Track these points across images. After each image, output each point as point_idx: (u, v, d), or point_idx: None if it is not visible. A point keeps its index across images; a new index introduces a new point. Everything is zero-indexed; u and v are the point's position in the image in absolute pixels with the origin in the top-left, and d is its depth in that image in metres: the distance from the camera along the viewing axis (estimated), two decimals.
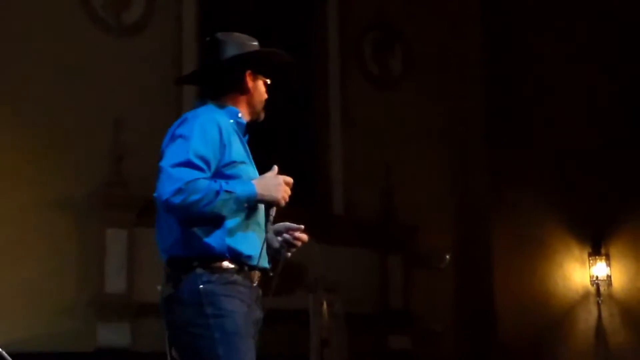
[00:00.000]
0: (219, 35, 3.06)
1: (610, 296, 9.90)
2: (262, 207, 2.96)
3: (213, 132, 2.81)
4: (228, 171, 2.83)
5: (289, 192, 2.96)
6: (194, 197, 2.66)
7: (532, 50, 10.04)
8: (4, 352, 3.43)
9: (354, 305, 8.35)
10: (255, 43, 3.11)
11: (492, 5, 10.27)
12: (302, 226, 3.10)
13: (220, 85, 3.02)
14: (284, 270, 9.49)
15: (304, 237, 3.11)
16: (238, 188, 2.78)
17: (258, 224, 2.93)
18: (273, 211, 2.92)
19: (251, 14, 9.09)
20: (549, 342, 9.73)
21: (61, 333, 6.91)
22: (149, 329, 7.05)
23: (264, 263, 2.95)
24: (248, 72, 3.01)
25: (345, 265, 8.75)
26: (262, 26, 9.04)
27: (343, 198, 9.15)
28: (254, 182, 2.87)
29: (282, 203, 2.93)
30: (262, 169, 3.04)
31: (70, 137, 7.25)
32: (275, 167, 2.97)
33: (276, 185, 2.92)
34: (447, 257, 9.52)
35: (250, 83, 3.03)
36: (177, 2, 8.49)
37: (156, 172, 2.82)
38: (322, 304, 8.01)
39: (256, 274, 2.92)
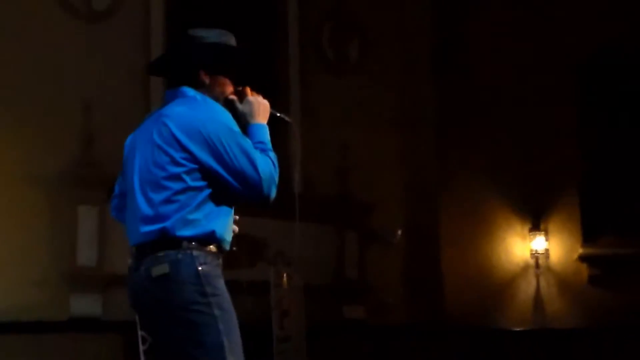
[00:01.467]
0: (190, 31, 3.02)
1: (548, 268, 10.18)
2: None
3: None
4: None
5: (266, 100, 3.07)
6: (276, 177, 2.90)
7: (481, 36, 10.20)
8: None
9: (312, 277, 8.46)
10: (231, 40, 3.04)
11: None
12: (237, 217, 3.06)
13: (184, 79, 2.98)
14: (247, 244, 9.50)
15: (236, 229, 3.07)
16: (265, 138, 2.96)
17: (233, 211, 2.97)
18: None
19: (216, 3, 9.09)
20: (492, 310, 9.97)
21: (36, 303, 6.91)
22: (119, 299, 7.08)
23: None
24: (202, 71, 2.95)
25: (304, 241, 8.83)
26: (226, 15, 9.13)
27: (302, 177, 9.21)
28: (256, 120, 2.98)
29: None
30: None
31: (42, 117, 7.22)
32: (247, 89, 3.04)
33: (267, 105, 3.06)
34: (399, 232, 9.67)
35: (206, 80, 2.96)
36: None
37: (122, 153, 2.92)
38: (282, 277, 8.10)
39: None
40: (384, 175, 9.70)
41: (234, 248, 4.51)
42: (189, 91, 2.94)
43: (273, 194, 2.90)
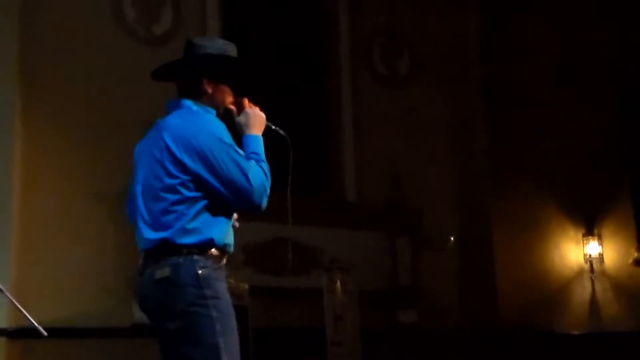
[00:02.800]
0: (195, 40, 3.12)
1: (603, 272, 10.02)
2: None
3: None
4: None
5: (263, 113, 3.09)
6: (267, 187, 2.95)
7: (530, 48, 10.14)
8: (39, 327, 3.50)
9: (366, 283, 8.57)
10: (231, 50, 3.12)
11: (491, 7, 10.38)
12: (236, 215, 3.13)
13: (187, 87, 3.09)
14: (301, 252, 9.64)
15: (236, 224, 3.14)
16: (259, 149, 3.02)
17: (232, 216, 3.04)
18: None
19: (269, 23, 9.31)
20: (546, 314, 9.86)
21: (102, 310, 7.20)
22: None
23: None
24: (204, 79, 3.04)
25: (357, 247, 8.97)
26: (278, 34, 9.35)
27: (355, 186, 9.36)
28: (251, 132, 3.04)
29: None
30: (277, 165, 3.23)
31: (106, 137, 7.50)
32: (245, 100, 3.10)
33: (263, 118, 3.13)
34: (452, 238, 9.68)
35: (208, 88, 3.05)
36: (202, 15, 8.71)
37: None
38: (336, 283, 8.22)
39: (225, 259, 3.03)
40: (435, 182, 9.75)
41: (289, 255, 4.67)
42: (186, 102, 3.02)
43: (264, 203, 2.96)
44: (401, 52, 10.18)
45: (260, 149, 3.07)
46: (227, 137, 2.92)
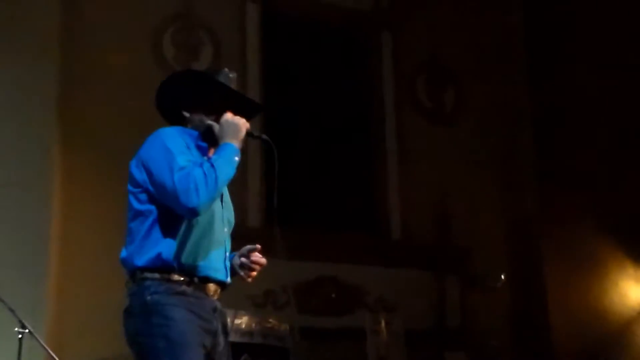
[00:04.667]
0: (191, 69, 3.19)
1: None
2: (219, 217, 2.89)
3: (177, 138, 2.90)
4: None
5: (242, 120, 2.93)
6: (200, 187, 2.68)
7: (576, 82, 9.87)
8: None
9: (412, 323, 8.31)
10: (222, 79, 3.05)
11: (538, 40, 10.15)
12: (259, 246, 2.97)
13: (170, 117, 3.09)
14: (345, 291, 9.49)
15: (263, 260, 2.99)
16: (219, 154, 2.80)
17: (214, 235, 2.83)
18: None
19: (310, 57, 9.23)
20: (605, 356, 9.41)
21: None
22: None
23: (219, 275, 2.84)
24: (181, 110, 3.00)
25: (403, 286, 8.72)
26: (320, 68, 9.26)
27: (400, 224, 9.13)
28: (223, 140, 2.85)
29: (246, 129, 2.92)
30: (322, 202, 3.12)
31: None
32: (227, 113, 2.94)
33: (237, 125, 2.90)
34: (502, 276, 9.35)
35: (186, 114, 3.00)
36: (242, 52, 8.70)
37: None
38: (380, 323, 7.98)
39: (212, 286, 2.80)
40: (484, 219, 9.46)
41: (333, 295, 4.41)
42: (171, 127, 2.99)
43: (193, 203, 2.66)
44: (446, 86, 9.99)
45: (222, 154, 2.81)
46: (174, 144, 2.78)
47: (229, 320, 7.09)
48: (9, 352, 4.80)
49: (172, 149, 2.75)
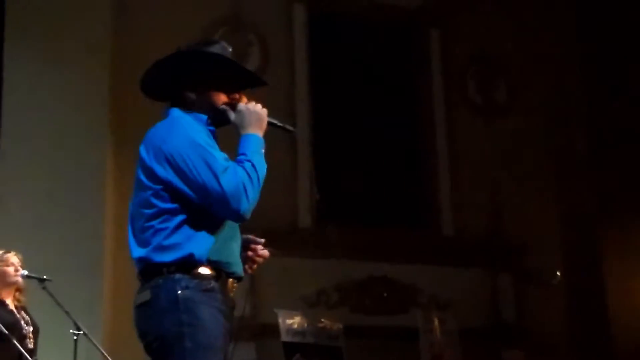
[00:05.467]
0: (182, 45, 2.80)
1: None
2: None
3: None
4: None
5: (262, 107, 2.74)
6: (249, 189, 2.54)
7: (632, 69, 9.62)
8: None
9: (467, 321, 8.21)
10: (221, 54, 2.76)
11: (590, 29, 9.93)
12: (263, 240, 2.80)
13: (172, 96, 2.77)
14: (397, 290, 9.40)
15: (266, 253, 2.81)
16: (249, 149, 2.62)
17: (235, 230, 2.69)
18: None
19: (359, 54, 9.20)
20: None
21: None
22: (273, 347, 7.22)
23: (239, 270, 2.71)
24: (185, 91, 2.71)
25: (456, 284, 8.63)
26: (369, 65, 9.22)
27: (452, 221, 9.04)
28: (246, 131, 2.66)
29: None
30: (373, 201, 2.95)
31: None
32: (243, 98, 2.74)
33: (259, 113, 2.71)
34: (558, 273, 9.17)
35: (192, 96, 2.70)
36: (290, 53, 8.72)
37: (269, 208, 2.64)
38: (433, 322, 7.91)
39: (231, 282, 2.67)
40: (538, 214, 9.28)
41: (385, 294, 4.36)
42: (174, 110, 2.71)
43: (244, 207, 2.52)
44: (497, 80, 9.85)
45: (250, 148, 2.63)
46: (202, 138, 2.57)
47: (280, 320, 7.15)
48: (65, 353, 4.87)
49: (202, 143, 2.55)
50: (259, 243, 2.80)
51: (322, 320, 7.42)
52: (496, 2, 9.80)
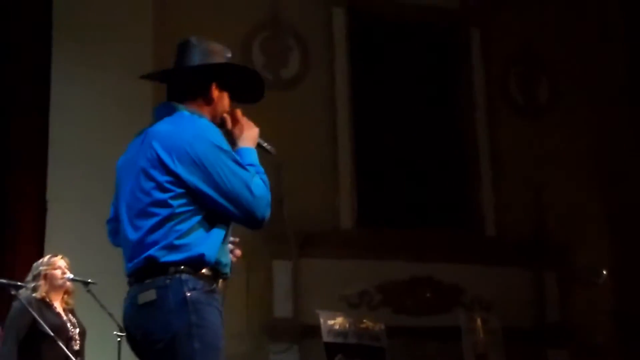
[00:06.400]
0: (192, 39, 2.82)
1: None
2: None
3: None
4: None
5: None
6: (269, 199, 2.62)
7: None
8: None
9: (511, 321, 8.14)
10: (229, 55, 2.85)
11: (635, 25, 9.77)
12: (237, 239, 2.80)
13: (187, 91, 2.75)
14: (440, 290, 9.35)
15: (238, 253, 2.82)
16: (256, 161, 2.72)
17: (229, 232, 2.71)
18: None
19: (398, 61, 9.19)
20: None
21: (238, 354, 7.18)
22: (315, 349, 7.26)
23: (229, 271, 2.72)
24: (214, 84, 2.74)
25: (500, 284, 8.57)
26: (407, 68, 9.21)
27: (494, 220, 8.98)
28: (244, 145, 2.74)
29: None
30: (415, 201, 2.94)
31: None
32: (238, 111, 2.80)
33: (255, 131, 2.82)
34: (604, 272, 9.03)
35: (215, 94, 2.75)
36: (330, 58, 8.77)
37: (311, 210, 2.66)
38: (476, 321, 7.87)
39: (223, 283, 2.67)
40: (582, 212, 9.16)
41: (428, 294, 4.37)
42: (179, 107, 2.71)
43: (267, 215, 2.60)
44: (539, 79, 9.76)
45: (257, 161, 2.74)
46: (225, 144, 2.61)
47: (322, 321, 7.18)
48: (109, 355, 4.97)
49: (228, 149, 2.60)
50: (233, 242, 2.79)
51: (364, 320, 7.43)
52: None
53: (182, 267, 2.51)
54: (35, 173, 7.18)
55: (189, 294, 2.48)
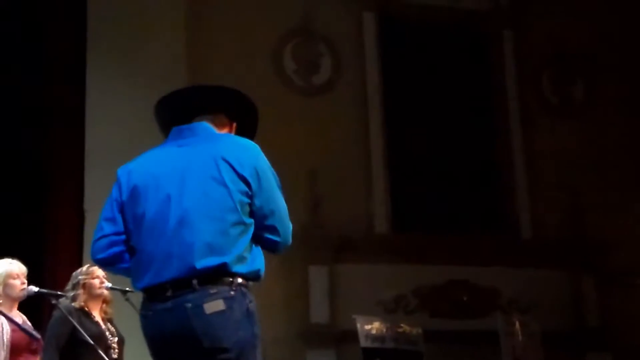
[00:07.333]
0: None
1: None
2: None
3: None
4: None
5: None
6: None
7: None
8: None
9: (549, 324, 8.02)
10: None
11: None
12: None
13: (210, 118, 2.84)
14: (477, 294, 9.20)
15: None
16: None
17: None
18: None
19: (429, 63, 9.12)
20: None
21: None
22: (352, 354, 7.20)
23: None
24: (223, 114, 2.86)
25: (537, 287, 8.45)
26: (440, 73, 9.13)
27: (531, 222, 8.86)
28: None
29: None
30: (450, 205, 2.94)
31: None
32: None
33: None
34: None
35: (226, 122, 2.86)
36: (361, 63, 8.72)
37: (346, 215, 2.78)
38: (514, 325, 7.75)
39: None
40: (620, 214, 9.00)
41: (464, 298, 4.32)
42: (211, 127, 2.80)
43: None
44: (574, 79, 9.62)
45: None
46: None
47: (359, 326, 7.13)
48: (143, 355, 4.96)
49: (276, 176, 2.74)
50: None
51: (402, 325, 7.36)
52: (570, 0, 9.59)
53: (245, 279, 2.57)
54: (73, 182, 7.24)
55: (250, 306, 2.55)
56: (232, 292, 2.52)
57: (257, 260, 2.63)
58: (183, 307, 2.51)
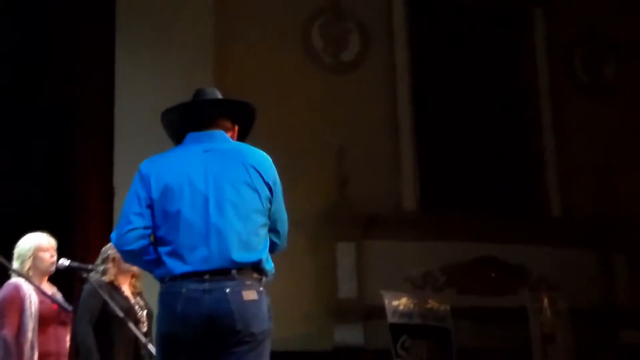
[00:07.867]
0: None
1: None
2: None
3: None
4: None
5: None
6: None
7: None
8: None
9: (578, 302, 7.97)
10: None
11: None
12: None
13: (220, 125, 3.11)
14: (506, 271, 9.12)
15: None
16: None
17: None
18: None
19: (458, 42, 9.02)
20: None
21: (304, 335, 7.23)
22: (379, 329, 7.23)
23: None
24: (227, 119, 3.13)
25: (567, 265, 8.39)
26: (470, 51, 9.03)
27: (560, 201, 8.78)
28: None
29: None
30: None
31: (299, 164, 7.55)
32: None
33: None
34: None
35: (231, 127, 3.15)
36: (390, 41, 8.65)
37: (374, 193, 2.93)
38: (542, 302, 7.72)
39: None
40: None
41: (493, 275, 4.31)
42: (226, 135, 3.06)
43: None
44: (605, 58, 9.48)
45: None
46: None
47: (386, 302, 7.14)
48: None
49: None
50: None
51: (429, 301, 7.36)
52: None
53: (266, 277, 2.84)
54: (102, 161, 7.32)
55: (269, 303, 2.81)
56: (261, 288, 2.79)
57: (270, 259, 2.87)
58: (223, 290, 2.72)
